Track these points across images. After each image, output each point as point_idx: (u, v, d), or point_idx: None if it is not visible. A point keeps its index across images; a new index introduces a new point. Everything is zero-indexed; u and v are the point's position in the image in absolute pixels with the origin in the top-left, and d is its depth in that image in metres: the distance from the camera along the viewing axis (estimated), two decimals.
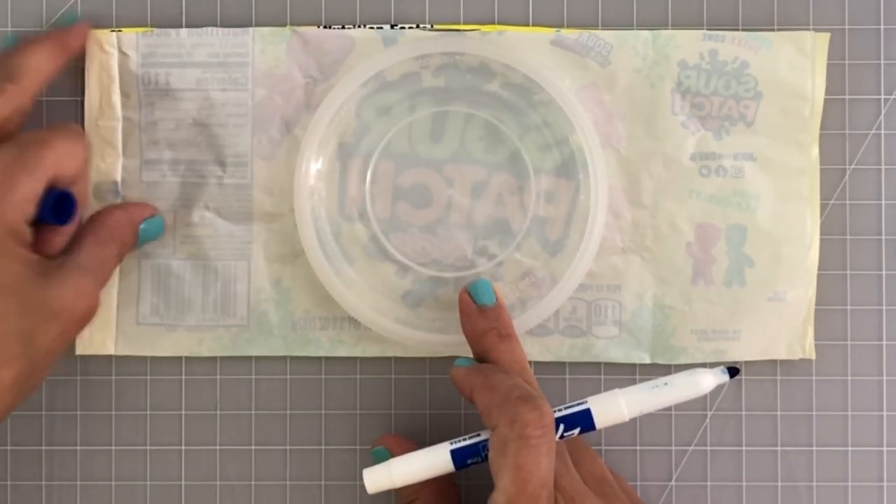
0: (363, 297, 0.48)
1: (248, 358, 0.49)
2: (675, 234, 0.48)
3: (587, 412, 0.41)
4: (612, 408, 0.41)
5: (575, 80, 0.48)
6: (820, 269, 0.48)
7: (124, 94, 0.48)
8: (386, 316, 0.47)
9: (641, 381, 0.42)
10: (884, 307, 0.49)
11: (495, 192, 0.48)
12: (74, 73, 0.49)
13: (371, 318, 0.47)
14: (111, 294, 0.48)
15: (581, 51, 0.48)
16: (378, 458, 0.44)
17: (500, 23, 0.49)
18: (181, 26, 0.49)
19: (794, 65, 0.48)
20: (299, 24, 0.49)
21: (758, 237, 0.48)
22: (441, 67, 0.48)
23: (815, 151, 0.48)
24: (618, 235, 0.48)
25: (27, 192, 0.42)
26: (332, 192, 0.48)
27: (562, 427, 0.41)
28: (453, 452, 0.42)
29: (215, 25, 0.49)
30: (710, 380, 0.41)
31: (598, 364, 0.49)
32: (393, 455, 0.44)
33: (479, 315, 0.44)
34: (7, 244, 0.42)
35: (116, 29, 0.48)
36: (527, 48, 0.48)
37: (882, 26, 0.49)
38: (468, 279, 0.48)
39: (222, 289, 0.48)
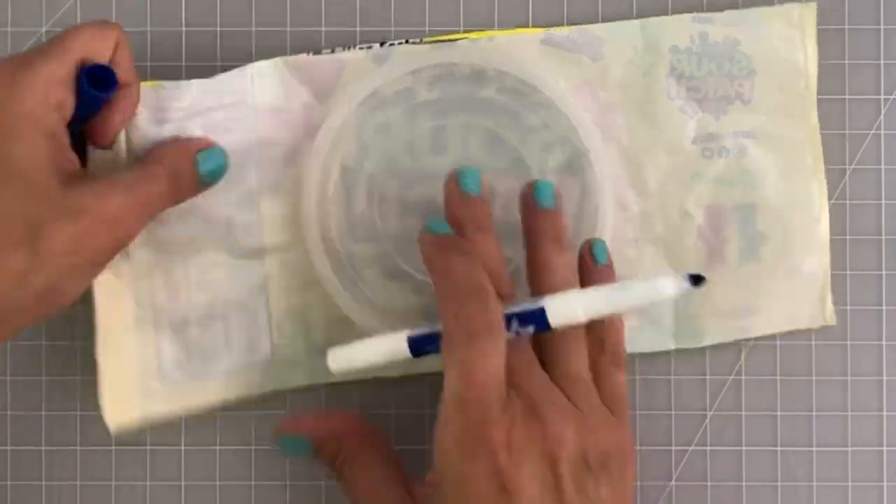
0: (383, 319, 0.47)
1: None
2: (686, 220, 0.48)
3: (541, 310, 0.40)
4: (567, 306, 0.40)
5: (569, 77, 0.48)
6: None
7: (131, 144, 0.46)
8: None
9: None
10: (884, 307, 0.49)
11: (503, 197, 0.48)
12: None
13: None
14: (129, 355, 0.47)
15: (572, 48, 0.48)
16: (285, 446, 0.43)
17: (499, 23, 0.49)
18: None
19: (784, 38, 0.48)
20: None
21: (767, 213, 0.48)
22: (435, 79, 0.47)
23: (814, 119, 0.48)
24: (629, 227, 0.48)
25: (47, 74, 0.40)
26: (340, 216, 0.47)
27: (515, 322, 0.40)
28: (410, 340, 0.41)
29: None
30: (670, 284, 0.39)
31: None
32: (308, 438, 0.43)
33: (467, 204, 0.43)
34: (24, 129, 0.39)
35: None
36: (517, 51, 0.48)
37: (882, 26, 0.49)
38: None
39: (245, 329, 0.47)
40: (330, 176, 0.47)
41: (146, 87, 0.46)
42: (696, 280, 0.39)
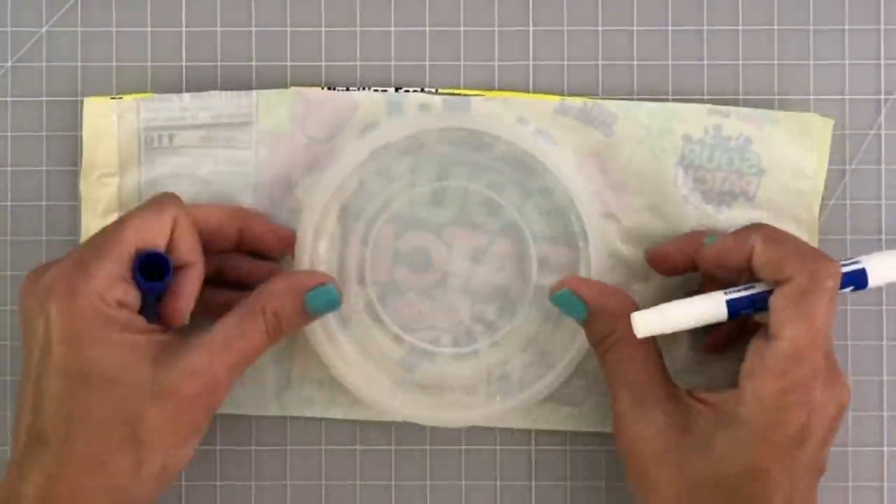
0: (355, 366, 0.47)
1: None
2: None
3: (862, 271, 0.43)
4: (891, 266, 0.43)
5: (578, 147, 0.48)
6: None
7: (123, 154, 0.48)
8: (373, 387, 0.47)
9: None
10: (884, 307, 0.49)
11: (496, 259, 0.47)
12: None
13: (359, 386, 0.47)
14: None
15: (584, 120, 0.48)
16: (562, 302, 0.44)
17: (499, 24, 0.49)
18: (182, 91, 0.48)
19: (797, 146, 0.48)
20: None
21: None
22: (444, 131, 0.47)
23: (815, 221, 0.48)
24: None
25: (104, 276, 0.40)
26: (332, 256, 0.47)
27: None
28: (729, 302, 0.42)
29: (216, 89, 0.48)
30: None
31: None
32: (581, 296, 0.44)
33: None
34: (99, 334, 0.40)
35: (116, 96, 0.48)
36: (530, 115, 0.48)
37: (882, 26, 0.49)
38: (464, 356, 0.47)
39: None
40: (329, 212, 0.47)
41: (136, 97, 0.47)
42: None
